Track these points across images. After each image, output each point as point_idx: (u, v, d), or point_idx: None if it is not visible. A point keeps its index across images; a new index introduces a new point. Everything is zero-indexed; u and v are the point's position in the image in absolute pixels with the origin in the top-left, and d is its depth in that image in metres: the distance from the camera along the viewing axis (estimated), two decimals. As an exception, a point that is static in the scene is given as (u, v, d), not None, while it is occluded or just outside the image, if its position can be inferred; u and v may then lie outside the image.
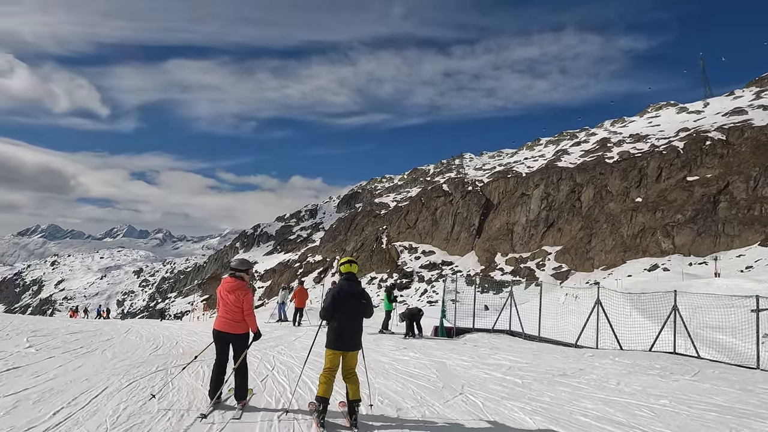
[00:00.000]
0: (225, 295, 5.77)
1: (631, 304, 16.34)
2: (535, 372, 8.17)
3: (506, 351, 10.97)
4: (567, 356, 10.38)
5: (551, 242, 62.74)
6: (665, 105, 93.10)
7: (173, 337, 11.99)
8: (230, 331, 5.74)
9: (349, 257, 6.02)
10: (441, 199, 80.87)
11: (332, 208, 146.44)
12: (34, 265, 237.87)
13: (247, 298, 5.77)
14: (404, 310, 15.05)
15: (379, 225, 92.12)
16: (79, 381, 6.15)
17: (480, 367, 8.47)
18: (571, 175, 66.04)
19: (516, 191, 71.38)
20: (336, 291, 5.54)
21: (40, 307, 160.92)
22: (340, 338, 5.41)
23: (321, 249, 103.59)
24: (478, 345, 12.22)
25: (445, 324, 15.99)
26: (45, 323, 13.62)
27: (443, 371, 7.99)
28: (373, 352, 10.14)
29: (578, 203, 63.38)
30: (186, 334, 13.34)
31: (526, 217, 66.83)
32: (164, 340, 11.19)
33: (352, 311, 5.48)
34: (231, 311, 5.75)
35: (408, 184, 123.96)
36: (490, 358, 9.74)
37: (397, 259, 75.69)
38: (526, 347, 12.13)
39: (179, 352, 9.55)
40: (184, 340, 11.50)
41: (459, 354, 10.21)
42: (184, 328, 15.44)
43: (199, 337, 12.51)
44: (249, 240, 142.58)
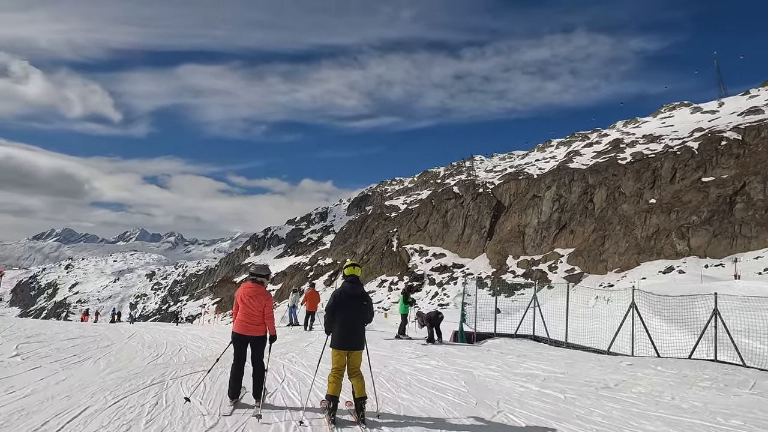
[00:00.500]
0: (247, 299, 5.99)
1: (649, 307, 15.91)
2: (574, 384, 7.53)
3: (535, 359, 10.36)
4: (603, 365, 9.67)
5: (563, 244, 62.08)
6: (679, 105, 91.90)
7: (178, 343, 11.41)
8: (250, 334, 5.96)
9: (352, 261, 6.31)
10: (451, 202, 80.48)
11: (342, 211, 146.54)
12: (49, 269, 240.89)
13: (268, 303, 6.04)
14: (423, 314, 14.37)
15: (390, 228, 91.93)
16: (59, 398, 5.55)
17: (512, 378, 7.89)
18: (583, 177, 65.35)
19: (527, 193, 70.79)
20: (338, 293, 5.81)
21: (55, 310, 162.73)
22: (343, 338, 5.64)
23: (331, 252, 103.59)
24: (504, 352, 11.61)
25: (464, 329, 15.27)
26: (45, 327, 13.15)
27: (472, 383, 7.42)
28: (391, 360, 9.53)
29: (591, 205, 62.66)
30: (191, 339, 12.74)
31: (538, 219, 66.22)
32: (167, 347, 10.58)
33: (354, 312, 5.73)
34: (251, 315, 5.97)
35: (418, 186, 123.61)
36: (520, 367, 9.13)
37: (408, 261, 75.42)
38: (555, 354, 11.44)
39: (181, 360, 8.88)
40: (188, 347, 10.92)
41: (485, 362, 9.59)
42: (190, 333, 14.87)
43: (205, 344, 11.82)
44: (260, 243, 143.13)
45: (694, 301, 13.33)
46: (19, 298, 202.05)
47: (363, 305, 5.84)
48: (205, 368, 7.23)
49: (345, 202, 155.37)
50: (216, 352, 9.78)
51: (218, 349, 10.24)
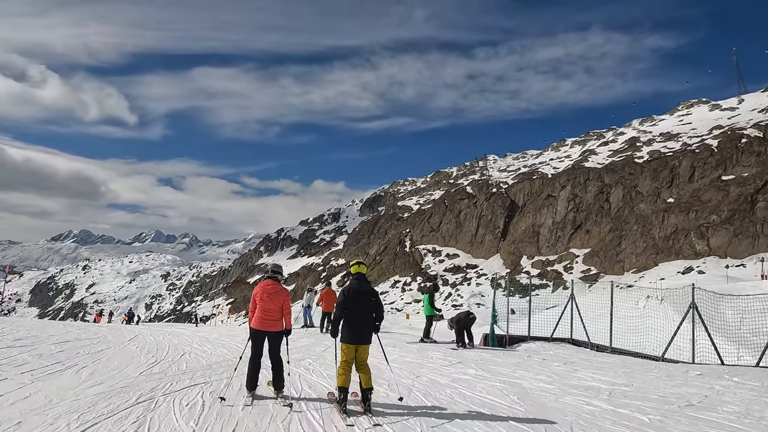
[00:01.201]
0: (267, 296, 6.34)
1: (673, 308, 15.40)
2: (648, 400, 6.40)
3: (586, 367, 9.31)
4: (669, 375, 8.59)
5: (579, 244, 61.25)
6: (697, 102, 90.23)
7: (181, 347, 10.54)
8: (269, 329, 6.31)
9: (358, 259, 6.65)
10: (465, 202, 79.92)
11: (355, 211, 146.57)
12: (67, 270, 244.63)
13: (287, 299, 6.46)
14: (453, 315, 13.33)
15: (402, 228, 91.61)
16: (9, 423, 4.47)
17: (571, 393, 6.79)
18: (598, 176, 64.44)
19: (542, 193, 70.00)
20: (347, 289, 6.11)
21: (72, 310, 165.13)
22: (352, 333, 5.96)
23: (344, 252, 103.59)
24: (546, 358, 10.60)
25: (496, 331, 14.33)
26: (43, 329, 12.67)
27: (527, 400, 6.26)
28: (422, 368, 8.69)
29: (607, 204, 61.74)
30: (198, 343, 11.86)
31: (553, 219, 65.43)
32: (169, 351, 9.75)
33: (363, 308, 6.03)
34: (271, 311, 6.33)
35: (431, 186, 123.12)
36: (573, 377, 8.15)
37: (421, 262, 75.05)
38: (606, 361, 10.37)
39: (180, 369, 7.91)
40: (193, 351, 9.98)
41: (530, 371, 8.62)
42: (197, 336, 13.86)
43: (212, 347, 10.89)
44: (273, 244, 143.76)
45: (754, 302, 12.55)
46: (38, 298, 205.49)
47: (371, 301, 6.12)
48: (207, 381, 6.82)
49: (357, 202, 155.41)
50: (224, 357, 9.28)
51: (226, 354, 9.79)
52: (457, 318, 12.84)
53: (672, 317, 13.96)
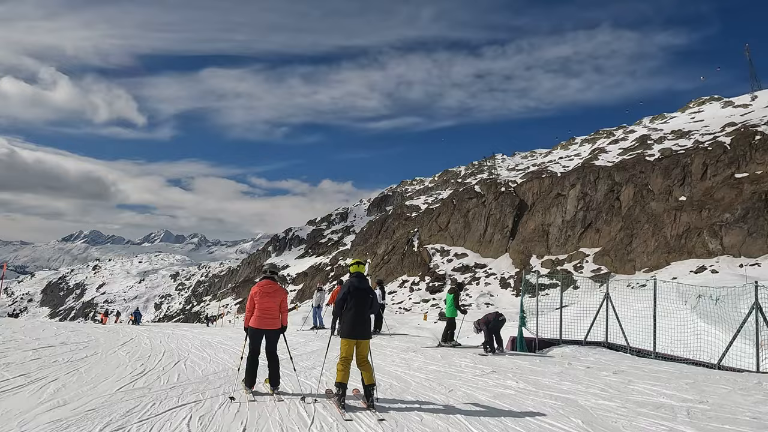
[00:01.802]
0: (265, 296, 6.51)
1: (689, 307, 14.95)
2: (740, 424, 5.31)
3: (640, 377, 8.27)
4: (744, 389, 7.37)
5: (589, 244, 60.63)
6: (708, 99, 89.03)
7: (178, 352, 9.70)
8: (268, 328, 6.48)
9: (356, 259, 7.00)
10: (473, 201, 79.44)
11: (363, 211, 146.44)
12: (77, 270, 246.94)
13: (285, 297, 6.71)
14: (481, 317, 12.19)
15: (410, 227, 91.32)
16: None
17: (641, 413, 5.74)
18: (609, 174, 63.73)
19: (551, 191, 69.38)
20: (347, 286, 6.35)
21: (83, 310, 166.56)
22: (352, 328, 6.09)
23: (352, 252, 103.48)
24: (590, 366, 9.47)
25: (524, 334, 13.30)
26: (30, 332, 11.96)
27: (595, 424, 5.22)
28: (453, 379, 7.76)
29: (617, 203, 61.05)
30: (198, 347, 10.91)
31: (562, 218, 64.83)
32: (162, 358, 8.78)
33: (362, 304, 6.23)
34: (270, 310, 6.49)
35: (439, 186, 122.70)
36: (631, 390, 7.09)
37: (429, 261, 74.71)
38: (659, 370, 9.26)
39: (170, 382, 6.82)
40: (189, 358, 8.96)
41: (580, 383, 7.58)
42: (198, 339, 12.89)
43: (212, 352, 9.97)
44: (281, 244, 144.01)
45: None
46: (49, 298, 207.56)
47: (369, 298, 6.35)
48: (199, 399, 6.10)
49: (365, 202, 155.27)
50: (224, 366, 8.58)
51: (227, 362, 9.05)
52: (485, 319, 11.71)
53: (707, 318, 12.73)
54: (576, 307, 15.33)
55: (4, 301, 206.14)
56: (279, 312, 6.57)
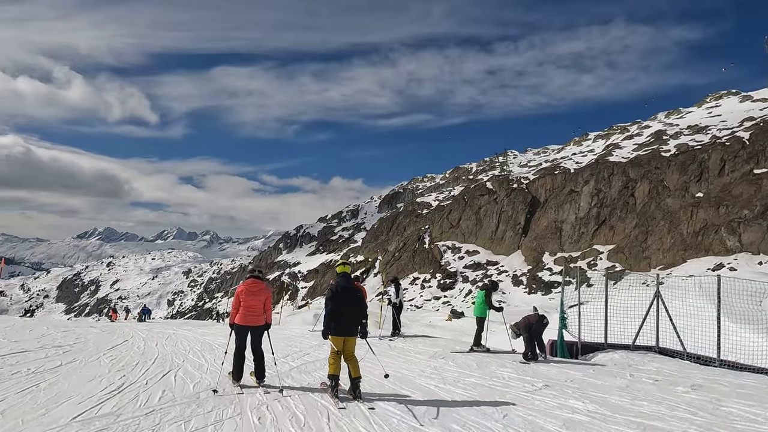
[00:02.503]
0: (250, 294, 6.85)
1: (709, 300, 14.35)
2: None
3: (724, 393, 7.10)
4: None
5: (603, 241, 59.80)
6: (726, 94, 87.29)
7: (171, 359, 8.64)
8: (253, 324, 6.84)
9: (343, 260, 7.44)
10: (485, 198, 78.81)
11: (374, 208, 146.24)
12: (92, 266, 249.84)
13: (269, 296, 7.05)
14: (519, 319, 10.61)
15: (421, 225, 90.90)
16: None
17: None
18: (623, 170, 62.75)
19: (564, 188, 68.55)
20: (334, 287, 6.74)
21: (97, 306, 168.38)
22: (341, 326, 6.56)
23: (363, 249, 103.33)
24: (659, 379, 8.13)
25: (565, 337, 11.76)
26: (13, 332, 11.25)
27: None
28: (499, 396, 6.72)
29: (632, 199, 60.11)
30: (197, 350, 9.86)
31: (576, 215, 64.02)
32: (151, 367, 7.67)
33: (350, 303, 6.63)
34: (255, 307, 6.84)
35: (450, 183, 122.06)
36: (723, 411, 6.01)
37: (440, 259, 74.30)
38: (741, 383, 8.02)
39: (149, 404, 5.57)
40: (183, 367, 7.85)
41: (658, 403, 6.46)
42: (199, 341, 11.91)
43: (212, 357, 9.00)
44: (292, 241, 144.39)
45: None
46: (65, 294, 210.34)
47: (357, 296, 6.71)
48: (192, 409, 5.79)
49: (376, 199, 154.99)
50: (222, 378, 7.60)
51: (227, 370, 7.70)
52: (526, 322, 10.27)
53: None
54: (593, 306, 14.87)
55: (20, 297, 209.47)
56: (263, 310, 6.93)
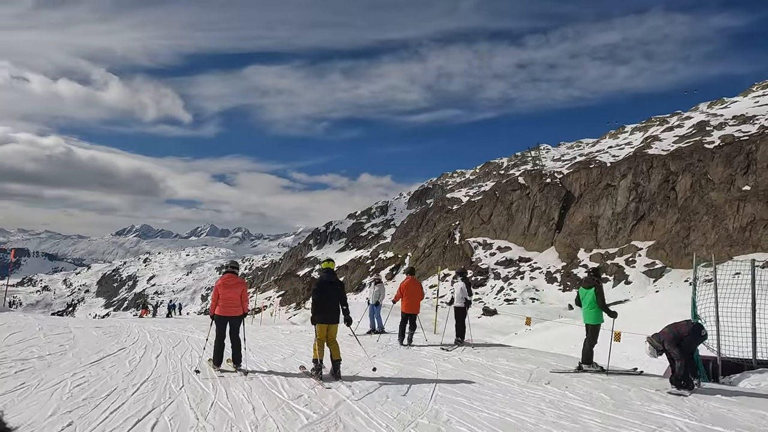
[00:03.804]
0: (227, 288, 7.50)
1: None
2: None
3: None
4: None
5: (642, 237, 57.61)
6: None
7: (162, 386, 6.33)
8: (231, 315, 7.47)
9: (328, 257, 8.26)
10: (517, 193, 77.18)
11: (403, 204, 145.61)
12: (130, 262, 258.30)
13: (244, 289, 7.68)
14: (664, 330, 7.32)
15: (452, 220, 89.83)
16: None
17: None
18: (663, 163, 60.26)
19: (600, 182, 66.39)
20: (319, 281, 7.57)
21: (135, 300, 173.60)
22: (325, 315, 7.29)
23: (392, 245, 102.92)
24: None
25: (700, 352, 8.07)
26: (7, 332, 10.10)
27: None
28: None
29: (673, 193, 57.65)
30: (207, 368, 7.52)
31: (612, 210, 61.90)
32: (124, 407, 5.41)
33: (332, 295, 7.42)
34: (232, 299, 7.47)
35: (480, 178, 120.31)
36: None
37: (471, 255, 73.18)
38: None
39: None
40: (176, 403, 5.65)
41: None
42: None
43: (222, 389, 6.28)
44: (321, 237, 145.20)
45: None
46: (104, 289, 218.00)
47: (338, 289, 7.53)
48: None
49: (405, 195, 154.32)
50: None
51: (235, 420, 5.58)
52: (673, 334, 7.14)
53: None
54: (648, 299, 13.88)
55: (63, 291, 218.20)
56: (240, 301, 7.54)
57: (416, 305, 11.30)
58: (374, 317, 13.98)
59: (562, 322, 23.32)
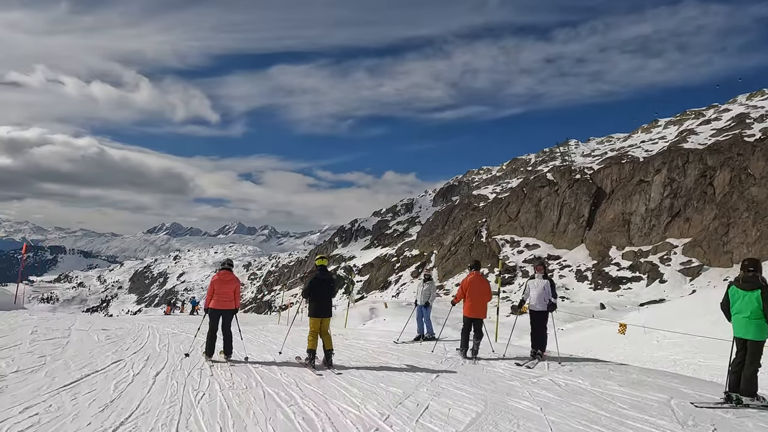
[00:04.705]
0: (222, 284, 8.04)
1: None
2: None
3: None
4: None
5: (677, 234, 55.63)
6: (818, 72, 78.92)
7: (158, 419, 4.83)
8: (224, 308, 8.01)
9: (321, 255, 9.61)
10: (545, 189, 75.61)
11: (428, 201, 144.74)
12: (160, 260, 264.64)
13: (237, 285, 8.24)
14: None
15: (478, 218, 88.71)
16: None
17: None
18: (700, 158, 58.04)
19: (632, 178, 64.42)
20: (313, 278, 8.10)
21: (165, 297, 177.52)
22: (317, 309, 7.89)
23: (418, 243, 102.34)
24: None
25: None
26: None
27: None
28: None
29: (710, 189, 55.46)
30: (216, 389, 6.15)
31: (646, 206, 59.97)
32: None
33: (325, 291, 8.02)
34: (226, 294, 8.02)
35: (507, 174, 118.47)
36: None
37: (498, 253, 72.06)
38: None
39: None
40: None
41: None
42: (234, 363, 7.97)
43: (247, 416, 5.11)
44: (347, 235, 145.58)
45: None
46: (136, 285, 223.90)
47: (330, 286, 8.15)
48: None
49: (431, 192, 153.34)
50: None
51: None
52: None
53: None
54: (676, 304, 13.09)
55: (97, 287, 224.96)
56: (233, 296, 8.09)
57: (482, 307, 9.19)
58: (423, 321, 11.78)
59: (598, 322, 22.51)
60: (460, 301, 9.51)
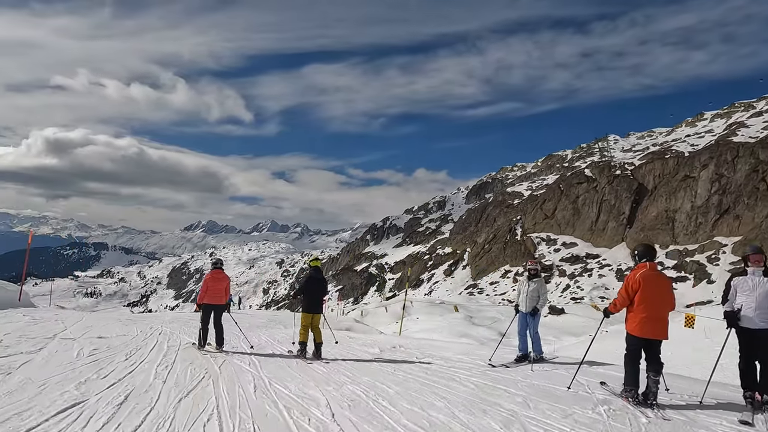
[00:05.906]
0: (215, 281, 8.86)
1: None
2: None
3: None
4: None
5: (726, 232, 52.82)
6: None
7: None
8: (216, 303, 8.81)
9: (316, 256, 7.38)
10: (583, 186, 73.27)
11: (461, 199, 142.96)
12: (197, 256, 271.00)
13: (228, 283, 9.11)
14: None
15: (513, 215, 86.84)
16: None
17: None
18: (751, 152, 54.87)
19: (677, 173, 61.58)
20: (307, 277, 8.62)
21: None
22: (310, 306, 8.43)
23: (451, 241, 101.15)
24: None
25: None
26: None
27: None
28: None
29: (762, 185, 52.37)
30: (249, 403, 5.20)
31: (692, 203, 57.19)
32: None
33: (317, 290, 8.62)
34: (218, 290, 8.85)
35: (543, 171, 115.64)
36: None
37: (534, 251, 70.31)
38: None
39: None
40: None
41: None
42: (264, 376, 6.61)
43: None
44: (379, 233, 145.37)
45: None
46: (174, 281, 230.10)
47: (323, 285, 8.74)
48: None
49: (463, 190, 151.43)
50: None
51: None
52: None
53: None
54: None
55: (137, 283, 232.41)
56: (224, 293, 8.90)
57: (663, 322, 5.60)
58: (527, 335, 8.41)
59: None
60: (622, 310, 5.83)
